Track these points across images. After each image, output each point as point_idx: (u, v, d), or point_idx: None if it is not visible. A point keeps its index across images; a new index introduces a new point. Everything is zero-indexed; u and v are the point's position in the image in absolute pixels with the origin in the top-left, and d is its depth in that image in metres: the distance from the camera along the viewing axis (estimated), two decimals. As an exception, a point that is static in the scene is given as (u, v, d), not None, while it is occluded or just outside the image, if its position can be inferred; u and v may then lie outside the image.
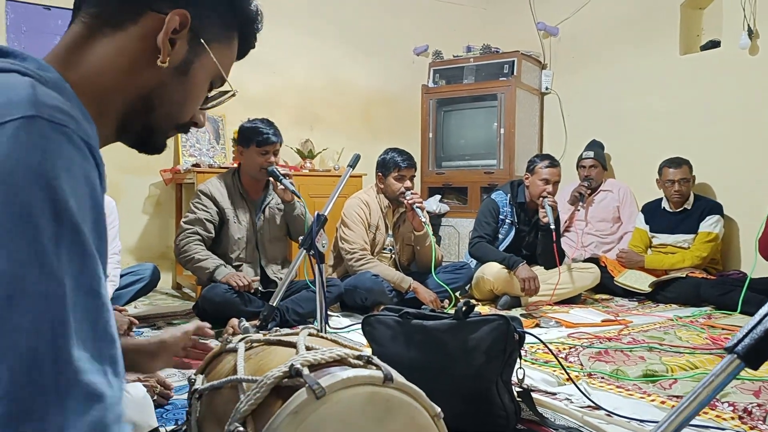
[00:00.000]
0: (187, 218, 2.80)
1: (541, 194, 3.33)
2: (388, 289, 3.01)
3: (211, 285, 2.66)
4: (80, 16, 0.70)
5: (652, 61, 4.33)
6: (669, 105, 4.22)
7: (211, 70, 0.75)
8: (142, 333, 2.63)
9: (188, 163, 3.80)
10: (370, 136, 4.83)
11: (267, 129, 2.80)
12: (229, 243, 2.83)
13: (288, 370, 0.71)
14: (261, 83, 4.31)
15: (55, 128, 0.52)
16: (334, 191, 2.05)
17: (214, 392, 0.90)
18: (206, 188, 2.83)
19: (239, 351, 0.91)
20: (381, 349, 1.71)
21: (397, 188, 3.19)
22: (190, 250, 2.71)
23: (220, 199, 2.82)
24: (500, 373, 1.57)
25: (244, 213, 2.87)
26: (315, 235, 1.87)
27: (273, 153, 2.81)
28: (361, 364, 0.74)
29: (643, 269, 3.70)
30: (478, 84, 4.68)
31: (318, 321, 1.83)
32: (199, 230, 2.76)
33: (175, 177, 3.86)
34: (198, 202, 2.81)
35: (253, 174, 2.85)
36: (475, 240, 3.46)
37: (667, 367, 2.03)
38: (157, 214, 4.01)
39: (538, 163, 3.41)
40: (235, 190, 2.87)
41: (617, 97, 4.53)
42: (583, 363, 2.12)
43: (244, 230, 2.86)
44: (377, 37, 4.87)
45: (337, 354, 0.75)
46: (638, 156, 4.33)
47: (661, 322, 2.89)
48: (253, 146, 2.78)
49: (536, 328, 2.73)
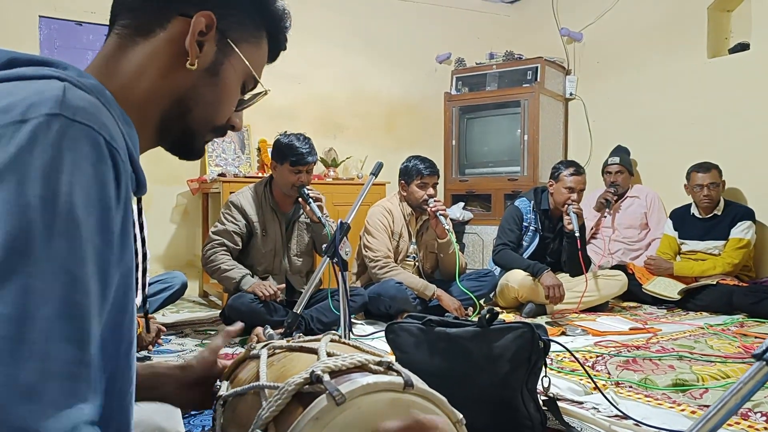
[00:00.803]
0: (216, 229, 2.83)
1: (566, 202, 3.29)
2: (411, 297, 3.00)
3: (237, 294, 2.68)
4: (114, 29, 0.72)
5: (678, 65, 4.26)
6: (697, 109, 4.14)
7: (242, 71, 0.76)
8: (170, 340, 2.66)
9: (214, 172, 3.85)
10: (393, 145, 4.84)
11: (303, 147, 2.77)
12: (256, 255, 2.85)
13: (309, 376, 0.71)
14: (285, 94, 4.37)
15: (76, 127, 0.53)
16: (357, 199, 2.05)
17: (238, 399, 0.91)
18: (237, 200, 2.85)
19: (262, 357, 0.91)
20: (405, 356, 1.71)
21: (420, 196, 3.18)
22: (217, 260, 2.74)
23: (249, 211, 2.84)
24: (525, 381, 1.55)
25: (273, 225, 2.88)
26: (338, 242, 1.88)
27: (306, 171, 2.80)
28: (382, 370, 0.74)
29: (672, 276, 3.62)
30: (501, 91, 4.66)
31: (342, 328, 1.84)
32: (226, 241, 2.78)
33: (201, 186, 3.92)
34: (228, 213, 2.83)
35: (284, 190, 2.85)
36: (499, 247, 3.44)
37: (697, 377, 1.98)
38: (184, 223, 4.07)
39: (562, 171, 3.37)
40: (266, 201, 2.88)
41: (643, 102, 4.46)
42: (611, 372, 2.08)
43: (272, 243, 2.87)
44: (399, 46, 4.89)
45: (357, 360, 0.75)
46: (665, 161, 4.25)
47: (692, 331, 2.83)
48: (286, 164, 2.77)
49: (562, 336, 2.69)
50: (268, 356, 0.93)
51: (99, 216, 0.53)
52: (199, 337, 2.73)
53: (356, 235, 3.35)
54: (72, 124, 0.53)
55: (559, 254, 3.45)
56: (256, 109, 5.06)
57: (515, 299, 3.34)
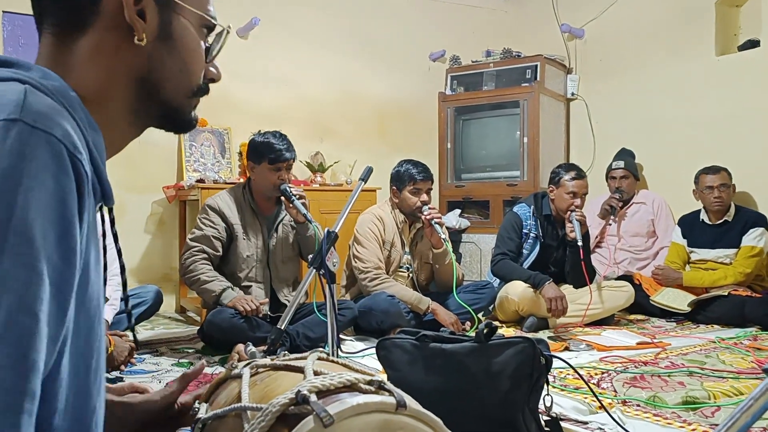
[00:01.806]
0: (193, 235, 2.82)
1: (569, 208, 3.31)
2: (405, 311, 3.00)
3: (217, 309, 2.67)
4: (45, 29, 0.70)
5: (685, 63, 4.31)
6: (705, 109, 4.19)
7: (194, 20, 0.75)
8: (144, 359, 2.64)
9: (192, 178, 3.84)
10: (385, 148, 4.85)
11: (280, 144, 2.81)
12: (237, 261, 2.85)
13: (294, 396, 0.71)
14: (270, 96, 4.37)
15: (36, 134, 0.53)
16: (345, 206, 2.06)
17: (218, 422, 0.90)
18: (214, 202, 2.86)
19: (244, 377, 0.91)
20: (397, 374, 1.71)
21: (413, 203, 3.19)
22: (196, 270, 2.72)
23: (228, 214, 2.84)
24: (526, 400, 1.55)
25: (255, 230, 2.89)
26: (325, 253, 1.88)
27: (286, 169, 2.83)
28: (373, 390, 0.74)
29: (682, 287, 3.65)
30: (498, 90, 4.69)
31: (329, 345, 1.83)
32: (206, 248, 2.77)
33: (178, 194, 3.91)
34: (205, 217, 2.83)
35: (264, 191, 2.86)
36: (498, 257, 3.45)
37: (709, 394, 1.99)
38: (160, 233, 4.06)
39: (563, 175, 3.39)
40: (246, 205, 2.89)
41: (649, 102, 4.50)
42: (617, 389, 2.09)
43: (254, 248, 2.87)
44: (390, 44, 4.91)
45: (347, 379, 0.75)
46: (673, 165, 4.29)
47: (702, 345, 2.85)
48: (264, 163, 2.79)
49: (565, 352, 2.70)
50: (250, 375, 0.93)
51: (58, 233, 0.52)
52: (175, 356, 2.71)
53: (345, 245, 3.35)
54: (32, 131, 0.52)
55: (562, 263, 3.46)
56: (238, 111, 5.02)
57: (515, 312, 3.34)
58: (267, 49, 4.38)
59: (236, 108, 4.22)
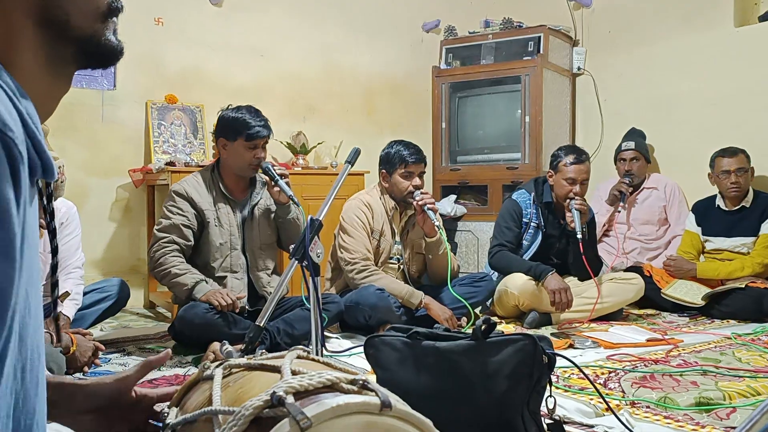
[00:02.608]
0: (160, 225, 2.81)
1: (567, 196, 3.32)
2: (395, 306, 3.00)
3: (189, 304, 2.66)
4: None
5: (701, 35, 4.31)
6: (722, 86, 4.20)
7: None
8: (110, 360, 2.63)
9: (161, 161, 3.81)
10: (373, 128, 4.83)
11: (256, 120, 2.81)
12: (210, 250, 2.84)
13: (269, 398, 0.71)
14: (247, 70, 4.34)
15: None
16: (330, 192, 2.05)
17: (188, 427, 0.90)
18: (181, 188, 2.84)
19: (216, 378, 0.91)
20: (387, 374, 1.71)
21: (404, 187, 3.19)
22: (167, 263, 2.71)
23: (198, 199, 2.83)
24: (527, 401, 1.56)
25: (227, 215, 2.88)
26: (309, 243, 1.87)
27: (262, 147, 2.83)
28: (355, 390, 0.74)
29: (695, 279, 3.68)
30: (498, 65, 4.68)
31: (312, 343, 1.83)
32: (175, 238, 2.76)
33: (146, 178, 3.88)
34: (172, 205, 2.82)
35: (239, 171, 2.86)
36: (496, 249, 3.46)
37: (724, 394, 2.01)
38: (126, 221, 4.03)
39: (562, 159, 3.40)
40: (215, 188, 2.88)
41: (661, 78, 4.51)
42: (626, 390, 2.11)
43: (227, 234, 2.86)
44: (379, 12, 4.88)
45: (327, 378, 0.75)
46: (687, 147, 4.31)
47: (717, 341, 2.87)
48: (240, 139, 2.79)
49: (569, 350, 2.72)
50: (223, 377, 0.93)
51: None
52: (144, 356, 2.70)
53: (330, 234, 3.35)
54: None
55: (565, 254, 3.48)
56: (211, 87, 4.97)
57: (515, 307, 3.36)
58: (243, 18, 4.34)
59: (209, 83, 4.19)
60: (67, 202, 2.78)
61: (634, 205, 4.23)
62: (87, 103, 3.81)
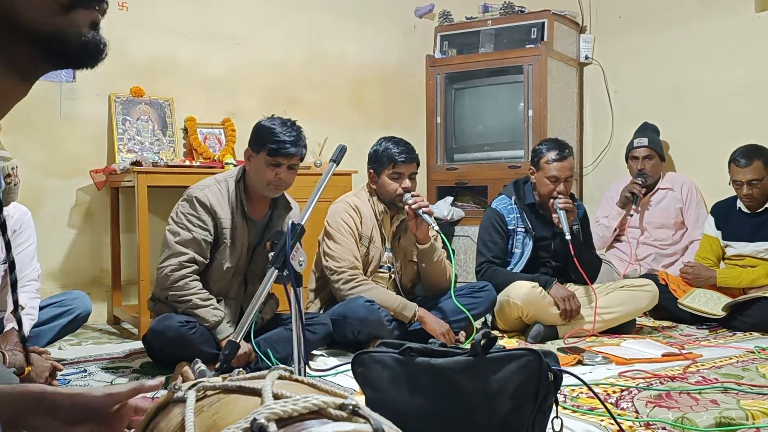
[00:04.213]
0: (178, 237, 2.70)
1: (550, 195, 3.36)
2: (386, 319, 3.00)
3: (163, 315, 2.65)
4: None
5: (720, 20, 4.35)
6: (744, 75, 4.24)
7: None
8: (69, 381, 2.62)
9: (126, 160, 3.79)
10: (362, 122, 4.83)
11: (287, 134, 2.73)
12: (214, 273, 2.78)
13: (249, 426, 0.71)
14: (222, 59, 4.32)
15: None
16: (314, 193, 2.05)
17: (157, 457, 0.90)
18: (204, 196, 2.76)
19: (188, 401, 0.90)
20: (377, 395, 1.71)
21: (393, 190, 3.18)
22: (187, 288, 2.64)
23: (221, 214, 2.76)
24: (531, 423, 1.56)
25: (242, 236, 2.82)
26: (289, 250, 1.87)
27: (288, 167, 2.75)
28: (345, 416, 0.74)
29: (715, 288, 3.70)
30: (498, 53, 4.70)
31: (295, 362, 1.83)
32: (196, 256, 2.69)
33: (109, 179, 3.86)
34: (193, 214, 2.73)
35: (258, 188, 2.81)
36: (483, 266, 3.49)
37: (746, 413, 2.02)
38: (87, 227, 4.01)
39: (543, 155, 3.44)
40: (237, 202, 2.82)
41: (677, 67, 4.54)
42: (639, 410, 2.12)
43: (236, 259, 2.81)
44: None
45: (313, 403, 0.74)
46: (705, 142, 4.34)
47: (739, 356, 2.89)
48: (263, 153, 2.72)
49: (578, 366, 2.73)
50: (196, 400, 0.92)
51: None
52: (107, 377, 2.69)
53: (313, 241, 3.34)
54: None
55: (564, 255, 3.49)
56: (183, 78, 4.97)
57: (518, 319, 3.36)
58: (217, 1, 4.33)
59: (180, 74, 4.17)
60: (21, 207, 2.75)
61: (647, 208, 4.25)
62: (43, 97, 3.78)
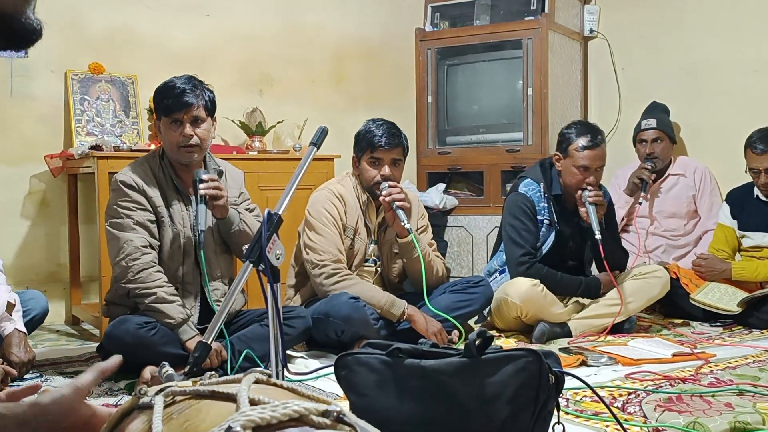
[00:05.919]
0: (123, 225, 2.69)
1: (579, 186, 3.34)
2: (372, 318, 3.00)
3: (118, 319, 2.63)
4: None
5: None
6: (764, 52, 4.25)
7: None
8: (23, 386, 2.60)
9: (85, 144, 3.76)
10: (344, 102, 4.82)
11: (179, 86, 2.72)
12: (164, 256, 2.78)
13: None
14: (189, 32, 4.29)
15: None
16: (292, 180, 2.04)
17: (122, 469, 0.90)
18: (129, 178, 2.75)
19: (156, 408, 0.90)
20: (363, 400, 1.71)
21: (371, 177, 3.17)
22: (151, 280, 2.62)
23: (150, 192, 2.75)
24: (531, 429, 1.57)
25: (180, 212, 2.82)
26: (266, 242, 1.87)
27: (190, 121, 2.72)
28: (328, 423, 0.74)
29: (730, 282, 3.72)
30: (494, 26, 4.69)
31: (272, 364, 1.83)
32: (149, 239, 2.69)
33: (66, 165, 3.84)
34: (125, 199, 2.72)
35: (172, 156, 2.81)
36: (525, 259, 3.36)
37: (763, 417, 2.05)
38: (42, 218, 3.98)
39: (572, 141, 3.37)
40: (166, 179, 2.82)
41: (690, 42, 4.55)
42: (648, 414, 2.13)
43: (180, 237, 2.81)
44: (351, -37, 4.87)
45: (293, 410, 0.75)
46: (720, 123, 4.35)
47: (756, 355, 2.92)
48: (163, 116, 2.75)
49: (581, 368, 2.74)
50: (164, 406, 0.92)
51: None
52: (65, 380, 2.68)
53: (293, 232, 3.34)
54: None
55: (580, 255, 3.50)
56: (146, 54, 4.94)
57: (517, 319, 3.36)
58: (184, -31, 4.30)
59: (143, 49, 4.14)
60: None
61: (657, 195, 4.26)
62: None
